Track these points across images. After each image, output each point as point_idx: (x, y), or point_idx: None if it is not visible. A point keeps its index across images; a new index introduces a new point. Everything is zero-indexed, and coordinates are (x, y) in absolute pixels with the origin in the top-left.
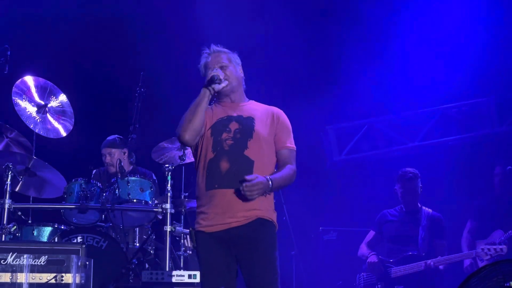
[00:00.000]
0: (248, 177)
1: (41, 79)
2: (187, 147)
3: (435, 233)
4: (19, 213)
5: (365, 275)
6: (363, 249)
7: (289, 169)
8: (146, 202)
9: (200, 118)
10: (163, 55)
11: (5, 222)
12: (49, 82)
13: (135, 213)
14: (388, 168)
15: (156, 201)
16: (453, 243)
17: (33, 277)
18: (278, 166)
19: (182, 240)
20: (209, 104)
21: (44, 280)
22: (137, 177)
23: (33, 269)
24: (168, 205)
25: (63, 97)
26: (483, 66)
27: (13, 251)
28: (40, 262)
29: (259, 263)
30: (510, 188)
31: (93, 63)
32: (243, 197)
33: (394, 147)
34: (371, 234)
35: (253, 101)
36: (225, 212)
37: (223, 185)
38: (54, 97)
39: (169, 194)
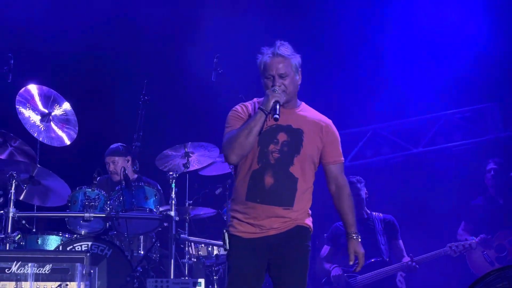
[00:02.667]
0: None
1: (44, 88)
2: (191, 156)
3: (390, 235)
4: (23, 221)
5: None
6: (323, 264)
7: (350, 198)
8: (151, 210)
9: (252, 143)
10: (167, 63)
11: (9, 231)
12: (52, 90)
13: (140, 221)
14: (392, 174)
15: (160, 209)
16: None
17: (38, 286)
18: (329, 180)
19: (186, 248)
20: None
21: None
22: (142, 184)
23: (38, 277)
24: (172, 213)
25: (67, 106)
26: (486, 71)
27: (17, 259)
28: (45, 270)
29: (291, 268)
30: (503, 188)
31: (97, 71)
32: (283, 213)
33: (398, 153)
34: (326, 249)
35: (304, 104)
36: (263, 225)
37: (266, 201)
38: (58, 106)
39: (173, 202)
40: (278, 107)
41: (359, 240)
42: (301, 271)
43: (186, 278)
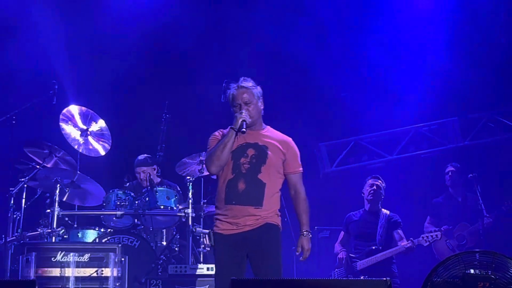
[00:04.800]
0: (303, 255)
1: (83, 108)
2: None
3: (391, 226)
4: (66, 218)
5: (338, 271)
6: (336, 247)
7: (305, 202)
8: (172, 208)
9: (227, 156)
10: (184, 86)
11: (55, 226)
12: (90, 110)
13: (163, 217)
14: None
15: (180, 207)
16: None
17: (78, 272)
18: (290, 187)
19: (201, 239)
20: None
21: (87, 274)
22: (164, 187)
23: (78, 264)
24: (189, 210)
25: (102, 123)
26: (448, 92)
27: (61, 250)
28: (84, 259)
29: (266, 259)
30: (461, 188)
31: (127, 94)
32: (254, 212)
33: (376, 159)
34: (342, 234)
35: (269, 127)
36: (239, 222)
37: (239, 202)
38: (94, 123)
39: (190, 201)
40: (244, 125)
41: (308, 237)
42: (274, 259)
43: (201, 264)
